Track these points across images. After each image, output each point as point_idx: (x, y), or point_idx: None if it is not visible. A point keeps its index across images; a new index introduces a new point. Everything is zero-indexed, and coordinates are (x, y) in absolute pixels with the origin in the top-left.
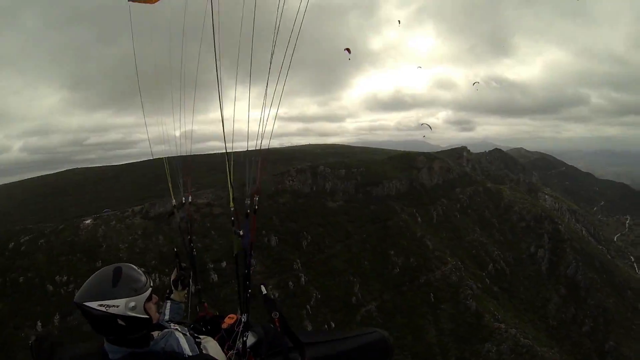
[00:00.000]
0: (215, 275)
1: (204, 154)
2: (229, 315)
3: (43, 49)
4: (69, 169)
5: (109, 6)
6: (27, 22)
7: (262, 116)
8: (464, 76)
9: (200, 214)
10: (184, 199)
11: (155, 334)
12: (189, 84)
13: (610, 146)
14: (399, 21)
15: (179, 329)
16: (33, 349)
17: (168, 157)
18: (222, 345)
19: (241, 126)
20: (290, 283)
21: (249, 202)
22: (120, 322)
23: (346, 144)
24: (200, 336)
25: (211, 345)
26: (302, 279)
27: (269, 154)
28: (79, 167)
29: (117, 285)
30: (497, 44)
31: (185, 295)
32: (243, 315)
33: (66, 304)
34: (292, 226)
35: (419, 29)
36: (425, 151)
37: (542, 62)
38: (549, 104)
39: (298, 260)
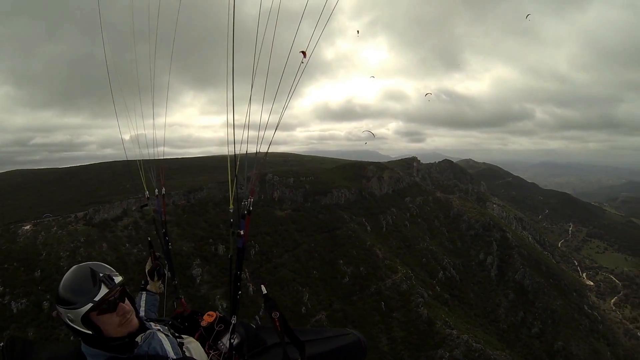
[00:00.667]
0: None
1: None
2: (208, 313)
3: None
4: (9, 170)
5: (56, 2)
6: None
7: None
8: (414, 88)
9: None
10: (156, 190)
11: (139, 338)
12: (141, 88)
13: (553, 158)
14: (357, 31)
15: (161, 329)
16: (5, 352)
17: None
18: (202, 344)
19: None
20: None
21: (244, 203)
22: (68, 328)
23: (296, 152)
24: (182, 336)
25: (194, 347)
26: (250, 288)
27: (215, 161)
28: (22, 168)
29: (62, 292)
30: (448, 59)
31: (161, 286)
32: (233, 318)
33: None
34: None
35: (372, 40)
36: (376, 161)
37: (491, 78)
38: (497, 118)
39: (246, 270)
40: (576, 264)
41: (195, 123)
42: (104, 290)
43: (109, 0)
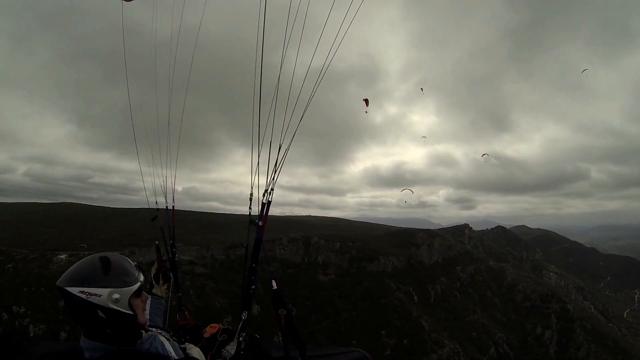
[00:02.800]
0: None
1: (199, 212)
2: (211, 325)
3: (52, 81)
4: (63, 202)
5: (117, 50)
6: (41, 51)
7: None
8: (464, 153)
9: (181, 271)
10: (167, 206)
11: (142, 337)
12: (189, 140)
13: (612, 220)
14: (422, 89)
15: (162, 334)
16: None
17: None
18: (205, 355)
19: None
20: None
21: (264, 195)
22: (100, 313)
23: (346, 218)
24: (185, 344)
25: (195, 352)
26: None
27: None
28: (77, 202)
29: (104, 274)
30: (497, 120)
31: (166, 290)
32: (244, 313)
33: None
34: None
35: (420, 103)
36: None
37: (541, 138)
38: (549, 181)
39: (279, 333)
40: None
41: (247, 181)
42: (141, 275)
43: (161, 49)
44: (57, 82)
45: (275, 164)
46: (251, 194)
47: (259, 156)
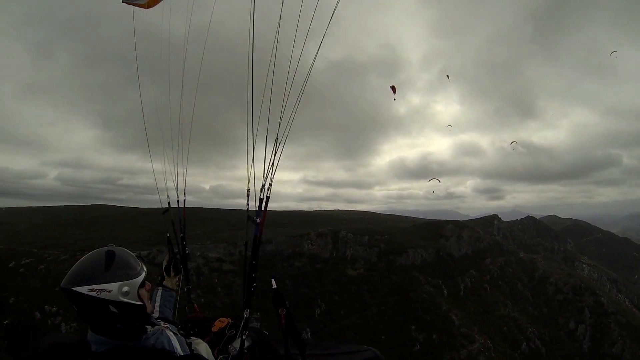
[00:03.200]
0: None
1: (225, 209)
2: (220, 319)
3: (76, 85)
4: (93, 204)
5: (138, 52)
6: (63, 57)
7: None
8: (490, 142)
9: (209, 268)
10: (178, 201)
11: (148, 329)
12: (214, 138)
13: None
14: (447, 76)
15: (170, 328)
16: (8, 333)
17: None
18: (212, 349)
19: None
20: None
21: (261, 191)
22: (112, 308)
23: (374, 211)
24: (191, 338)
25: (202, 348)
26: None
27: (291, 216)
28: (106, 204)
29: (110, 269)
30: (523, 106)
31: (177, 282)
32: (246, 311)
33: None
34: (305, 292)
35: (442, 91)
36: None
37: (569, 124)
38: (579, 168)
39: (308, 329)
40: None
41: (274, 178)
42: (144, 265)
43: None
44: (80, 87)
45: (272, 159)
46: (248, 190)
47: (253, 150)
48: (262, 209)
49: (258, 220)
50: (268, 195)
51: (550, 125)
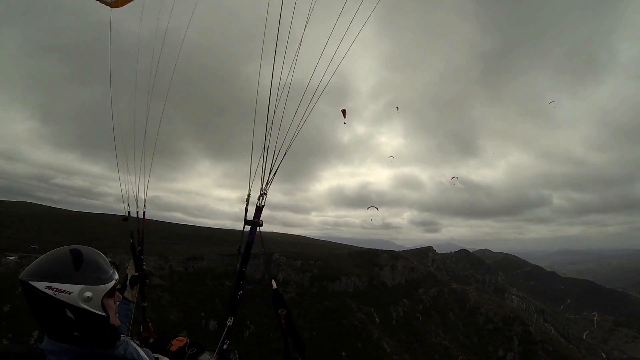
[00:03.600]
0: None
1: (161, 222)
2: (178, 338)
3: (18, 73)
4: (22, 201)
5: (87, 43)
6: (7, 41)
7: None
8: (429, 176)
9: (148, 280)
10: (138, 212)
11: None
12: (157, 147)
13: (571, 245)
14: (397, 107)
15: (134, 340)
16: None
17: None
18: None
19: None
20: None
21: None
22: (69, 313)
23: (310, 236)
24: (157, 355)
25: None
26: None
27: (227, 235)
28: (37, 202)
29: (75, 269)
30: (464, 144)
31: (136, 294)
32: (229, 319)
33: None
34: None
35: (388, 123)
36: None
37: (506, 164)
38: (513, 206)
39: (236, 352)
40: (604, 356)
41: (212, 194)
42: (116, 273)
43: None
44: (22, 76)
45: (271, 169)
46: (248, 195)
47: (251, 158)
48: (258, 216)
49: (261, 221)
50: (263, 204)
51: (489, 164)
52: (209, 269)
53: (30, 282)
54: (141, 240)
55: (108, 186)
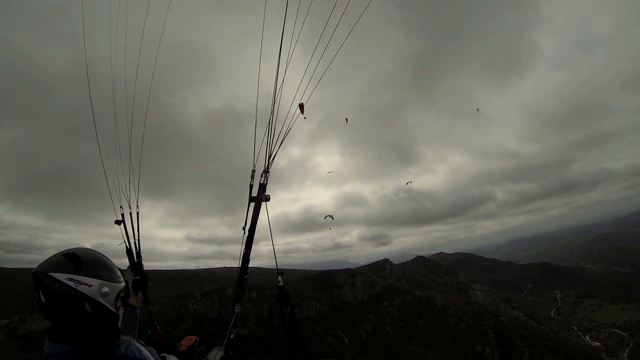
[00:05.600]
0: None
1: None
2: (186, 337)
3: None
4: None
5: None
6: None
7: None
8: (372, 190)
9: (150, 282)
10: (131, 212)
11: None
12: (89, 191)
13: (519, 234)
14: (346, 119)
15: (138, 340)
16: None
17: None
18: None
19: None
20: None
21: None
22: (87, 306)
23: (262, 267)
24: (163, 354)
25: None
26: None
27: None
28: None
29: (92, 264)
30: (402, 153)
31: (140, 299)
32: (237, 306)
33: None
34: None
35: (322, 142)
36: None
37: (446, 168)
38: (459, 207)
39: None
40: (575, 329)
41: (157, 236)
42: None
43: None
44: None
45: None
46: (253, 170)
47: (255, 131)
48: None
49: (267, 196)
50: (266, 181)
51: (429, 169)
52: (160, 313)
53: (50, 273)
54: (138, 241)
55: (48, 238)
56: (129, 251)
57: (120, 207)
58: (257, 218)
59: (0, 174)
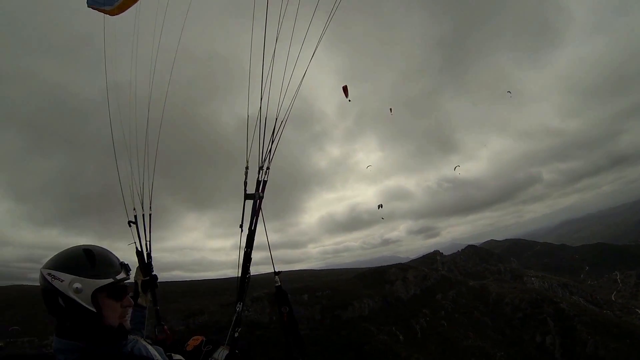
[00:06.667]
0: None
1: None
2: (193, 338)
3: None
4: (17, 284)
5: (41, 116)
6: None
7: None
8: (415, 183)
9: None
10: (143, 215)
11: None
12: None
13: (571, 215)
14: (390, 109)
15: (145, 339)
16: None
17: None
18: None
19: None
20: None
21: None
22: (60, 301)
23: (312, 269)
24: (169, 353)
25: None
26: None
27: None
28: (31, 284)
29: (76, 262)
30: (442, 142)
31: (151, 300)
32: (238, 305)
33: None
34: None
35: (361, 138)
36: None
37: (488, 153)
38: (505, 192)
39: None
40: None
41: (206, 246)
42: (123, 274)
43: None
44: None
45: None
46: (247, 168)
47: (254, 128)
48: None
49: (261, 194)
50: (265, 178)
51: (471, 156)
52: (212, 322)
53: (41, 268)
54: (149, 242)
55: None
56: (139, 253)
57: (134, 209)
58: (256, 216)
59: (51, 200)
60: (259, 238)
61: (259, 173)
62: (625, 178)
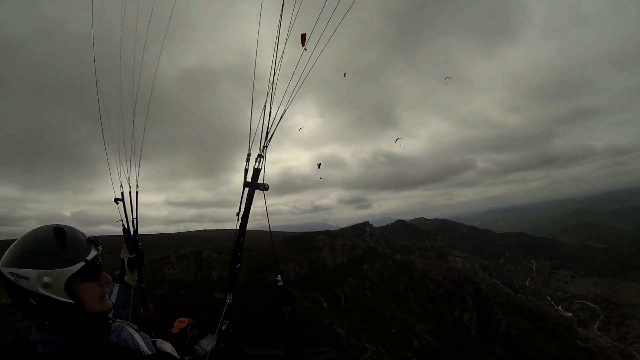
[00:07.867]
0: None
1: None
2: (179, 319)
3: None
4: None
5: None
6: None
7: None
8: (351, 154)
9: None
10: (130, 189)
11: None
12: (66, 157)
13: (498, 204)
14: (344, 74)
15: (131, 325)
16: None
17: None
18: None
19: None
20: None
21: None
22: (32, 300)
23: None
24: (155, 338)
25: (167, 347)
26: None
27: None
28: None
29: (37, 250)
30: (383, 115)
31: (136, 278)
32: (228, 297)
33: None
34: (171, 321)
35: (301, 103)
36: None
37: (427, 134)
38: (439, 173)
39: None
40: (549, 298)
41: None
42: (94, 252)
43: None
44: None
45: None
46: (248, 154)
47: (251, 118)
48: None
49: (266, 185)
50: (261, 167)
51: (409, 134)
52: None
53: (0, 267)
54: (135, 219)
55: (26, 208)
56: (126, 230)
57: (121, 185)
58: (251, 205)
59: None
60: (190, 194)
61: (256, 160)
62: (552, 178)
